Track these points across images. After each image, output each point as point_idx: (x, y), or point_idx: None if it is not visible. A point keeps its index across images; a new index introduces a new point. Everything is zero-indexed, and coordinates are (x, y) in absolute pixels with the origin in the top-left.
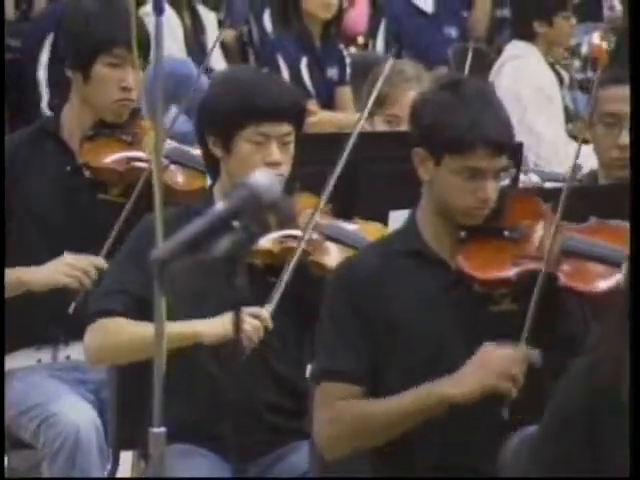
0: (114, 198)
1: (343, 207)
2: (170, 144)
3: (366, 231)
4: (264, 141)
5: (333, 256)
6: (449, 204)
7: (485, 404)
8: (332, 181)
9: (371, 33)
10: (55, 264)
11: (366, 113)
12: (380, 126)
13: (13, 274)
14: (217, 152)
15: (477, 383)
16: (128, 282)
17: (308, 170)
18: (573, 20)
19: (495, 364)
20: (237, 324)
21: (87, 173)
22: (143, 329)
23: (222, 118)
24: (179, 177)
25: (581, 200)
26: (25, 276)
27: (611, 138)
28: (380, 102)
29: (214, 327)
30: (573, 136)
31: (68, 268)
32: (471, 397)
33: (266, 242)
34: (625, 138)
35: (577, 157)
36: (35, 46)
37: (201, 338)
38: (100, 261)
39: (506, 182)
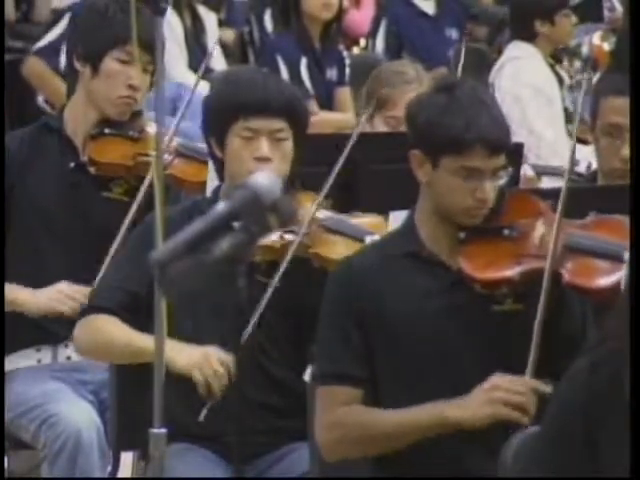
0: (117, 196)
1: (343, 207)
2: (178, 140)
3: (366, 223)
4: (253, 136)
5: (333, 247)
6: (448, 205)
7: None
8: (331, 179)
9: (371, 34)
10: (51, 291)
11: (364, 118)
12: (380, 127)
13: (10, 294)
14: (217, 152)
15: (486, 412)
16: (124, 279)
17: (306, 170)
18: (573, 18)
19: (505, 395)
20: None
21: (93, 169)
22: (135, 336)
23: (215, 116)
24: (187, 168)
25: (580, 198)
26: (21, 298)
27: (613, 149)
28: (380, 104)
29: (182, 356)
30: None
31: (63, 296)
32: (479, 424)
33: (266, 238)
34: (627, 151)
35: (573, 153)
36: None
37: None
38: None
39: (504, 181)
